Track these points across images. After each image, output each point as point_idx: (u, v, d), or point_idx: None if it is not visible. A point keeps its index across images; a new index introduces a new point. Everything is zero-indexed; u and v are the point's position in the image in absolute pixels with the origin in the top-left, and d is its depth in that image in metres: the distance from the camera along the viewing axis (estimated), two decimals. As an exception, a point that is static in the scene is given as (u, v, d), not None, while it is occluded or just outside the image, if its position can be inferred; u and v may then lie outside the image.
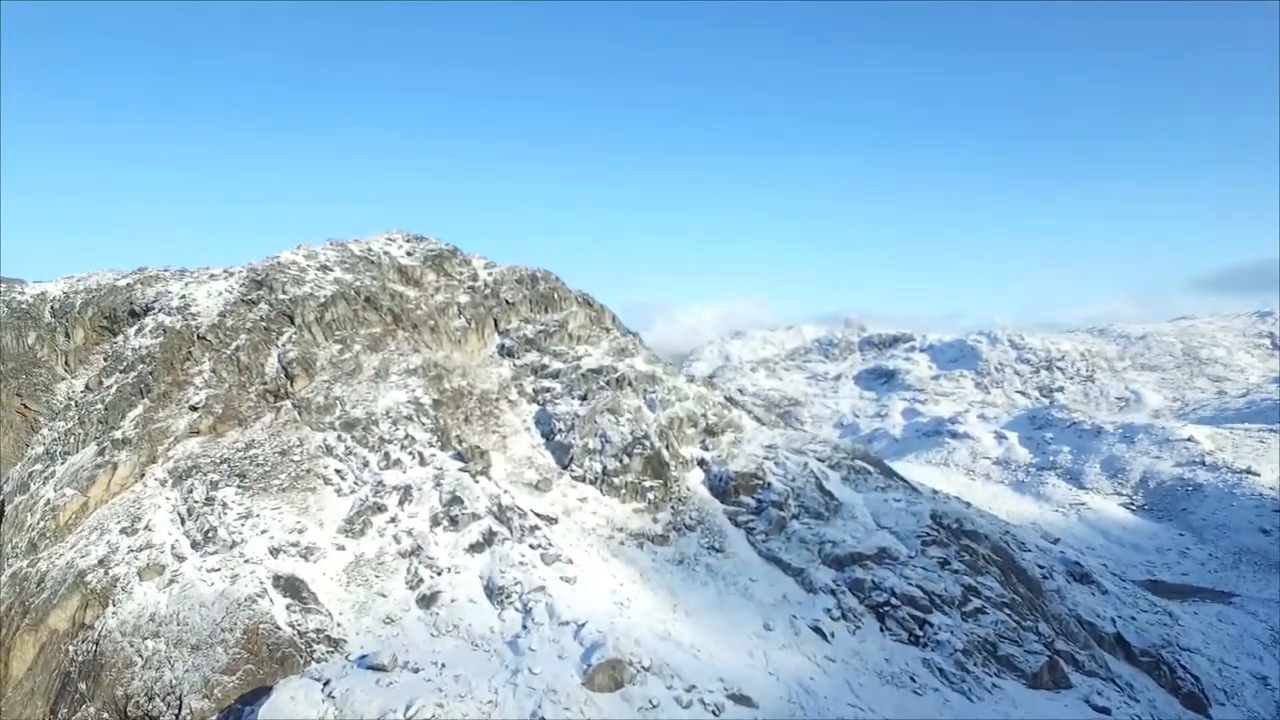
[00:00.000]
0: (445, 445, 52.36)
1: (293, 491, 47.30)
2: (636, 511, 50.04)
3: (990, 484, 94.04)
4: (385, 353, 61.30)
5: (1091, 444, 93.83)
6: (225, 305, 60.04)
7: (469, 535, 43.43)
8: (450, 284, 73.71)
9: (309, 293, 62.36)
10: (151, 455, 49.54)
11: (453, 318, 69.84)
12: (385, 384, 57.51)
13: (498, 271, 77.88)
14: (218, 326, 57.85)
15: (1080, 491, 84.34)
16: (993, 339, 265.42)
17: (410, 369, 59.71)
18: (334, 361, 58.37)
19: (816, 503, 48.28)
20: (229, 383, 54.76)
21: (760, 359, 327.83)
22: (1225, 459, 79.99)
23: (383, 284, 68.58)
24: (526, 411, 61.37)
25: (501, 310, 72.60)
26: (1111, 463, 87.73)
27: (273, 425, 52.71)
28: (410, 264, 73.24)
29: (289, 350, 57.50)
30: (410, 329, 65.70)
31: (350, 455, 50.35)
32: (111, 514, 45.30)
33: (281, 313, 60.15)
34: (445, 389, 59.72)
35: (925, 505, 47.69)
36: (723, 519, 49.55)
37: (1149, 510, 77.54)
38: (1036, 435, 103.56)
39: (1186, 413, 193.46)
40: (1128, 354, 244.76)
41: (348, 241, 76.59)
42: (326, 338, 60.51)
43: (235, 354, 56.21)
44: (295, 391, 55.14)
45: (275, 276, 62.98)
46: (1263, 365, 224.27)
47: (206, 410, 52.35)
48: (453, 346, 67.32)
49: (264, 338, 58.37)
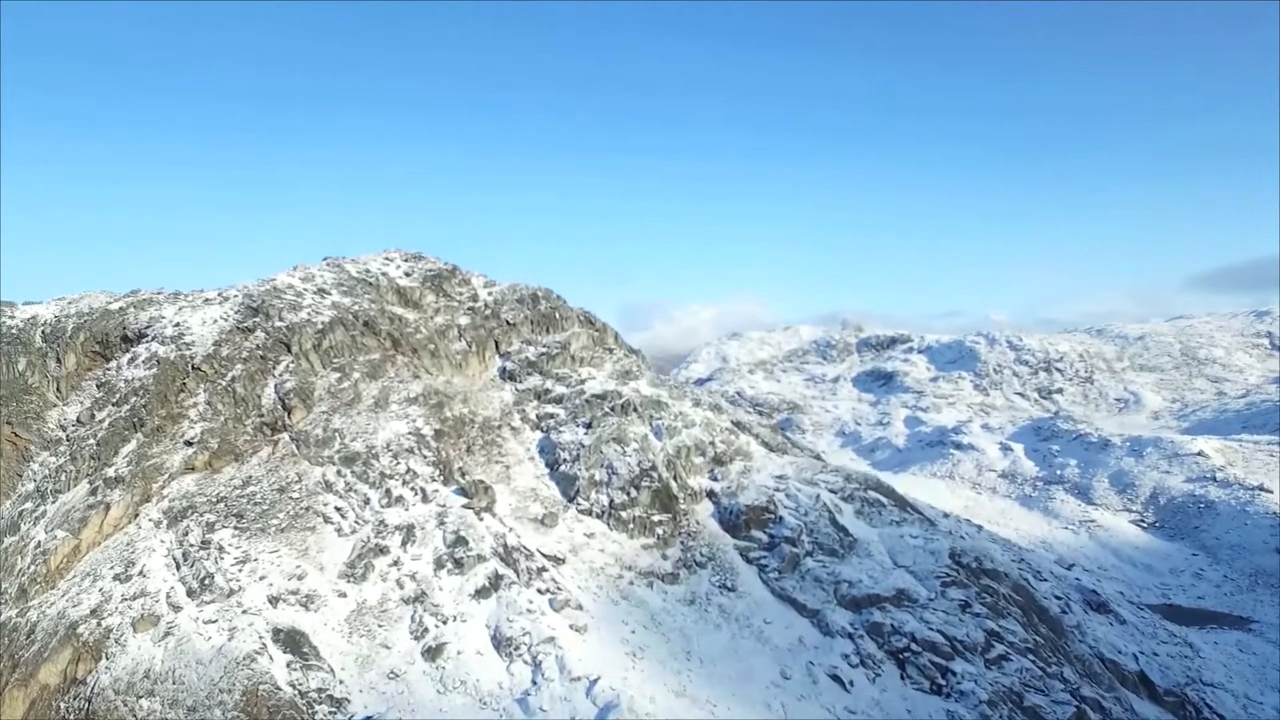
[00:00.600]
0: (448, 479, 51.00)
1: (292, 532, 45.90)
2: (645, 548, 48.72)
3: (997, 498, 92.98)
4: (384, 380, 59.87)
5: (1099, 457, 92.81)
6: (220, 333, 58.52)
7: (474, 579, 42.10)
8: (450, 305, 72.29)
9: (306, 319, 60.89)
10: (145, 494, 48.06)
11: (453, 340, 68.44)
12: (385, 414, 56.10)
13: (498, 291, 76.46)
14: (213, 356, 56.35)
15: (1089, 507, 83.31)
16: (991, 340, 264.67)
17: (410, 397, 58.30)
18: (332, 391, 56.93)
19: (830, 539, 47.01)
20: (225, 416, 53.28)
21: (758, 361, 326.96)
22: (1236, 474, 79.02)
23: (381, 307, 67.15)
24: (530, 439, 60.01)
25: (502, 331, 71.21)
26: (1120, 477, 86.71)
27: (270, 460, 51.28)
28: (409, 285, 71.81)
29: (286, 380, 56.05)
30: (410, 353, 64.28)
31: (350, 492, 48.94)
32: (104, 558, 43.85)
33: (278, 340, 58.68)
34: (446, 417, 58.35)
35: (943, 542, 46.45)
36: (734, 555, 48.28)
37: (1160, 528, 76.53)
38: (1042, 447, 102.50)
39: (1186, 414, 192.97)
40: (1126, 354, 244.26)
41: (344, 261, 75.15)
42: (324, 366, 59.06)
43: (231, 385, 54.72)
44: (293, 424, 53.70)
45: (271, 302, 61.50)
46: (1261, 365, 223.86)
47: (202, 445, 50.87)
48: (453, 371, 65.93)
49: (260, 367, 56.88)
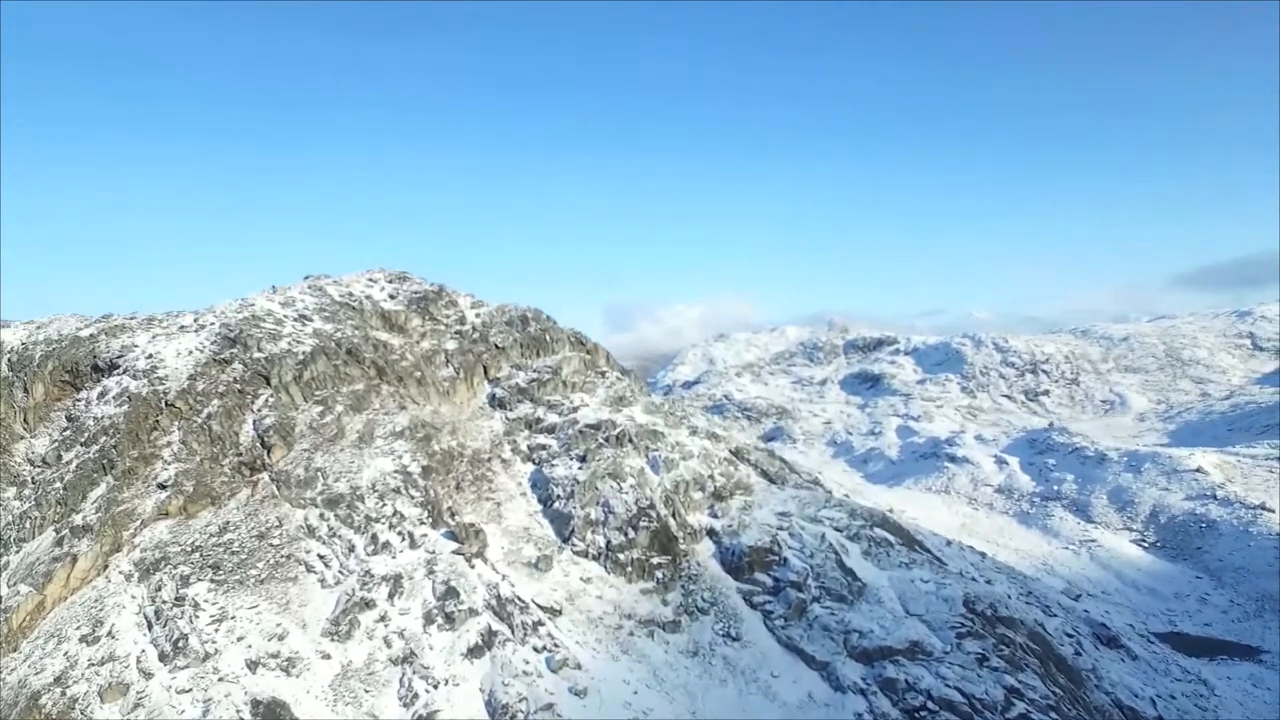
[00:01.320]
0: (437, 521, 48.66)
1: (272, 583, 43.42)
2: (645, 593, 46.64)
3: (994, 515, 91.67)
4: (369, 412, 57.39)
5: (1096, 473, 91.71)
6: (195, 366, 55.75)
7: (467, 636, 39.84)
8: (436, 329, 69.86)
9: (286, 349, 58.26)
10: (115, 543, 45.38)
11: (440, 366, 66.07)
12: (370, 450, 53.64)
13: (485, 312, 74.10)
14: (187, 392, 53.60)
15: (1089, 525, 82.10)
16: (977, 342, 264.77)
17: (396, 431, 55.86)
18: (314, 426, 54.39)
19: (838, 583, 45.15)
20: (200, 456, 50.60)
21: (745, 363, 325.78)
22: (1236, 492, 78.03)
23: (365, 333, 64.62)
24: (521, 472, 57.77)
25: (491, 356, 68.90)
26: (1119, 494, 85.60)
27: (249, 503, 48.72)
28: (394, 309, 69.32)
29: (265, 416, 53.45)
30: (395, 382, 61.83)
31: (334, 537, 46.49)
32: (70, 616, 41.17)
33: (256, 373, 56.02)
34: (434, 451, 55.96)
35: (956, 588, 44.70)
36: (737, 599, 46.34)
37: (1162, 548, 75.37)
38: (1038, 461, 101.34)
39: (1172, 416, 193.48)
40: (1111, 355, 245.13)
41: (326, 283, 72.54)
42: (306, 399, 56.50)
43: (207, 423, 52.04)
44: (273, 463, 51.15)
45: (249, 332, 58.79)
46: (1244, 366, 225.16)
47: (176, 489, 48.19)
48: (440, 399, 63.55)
49: (238, 402, 54.23)
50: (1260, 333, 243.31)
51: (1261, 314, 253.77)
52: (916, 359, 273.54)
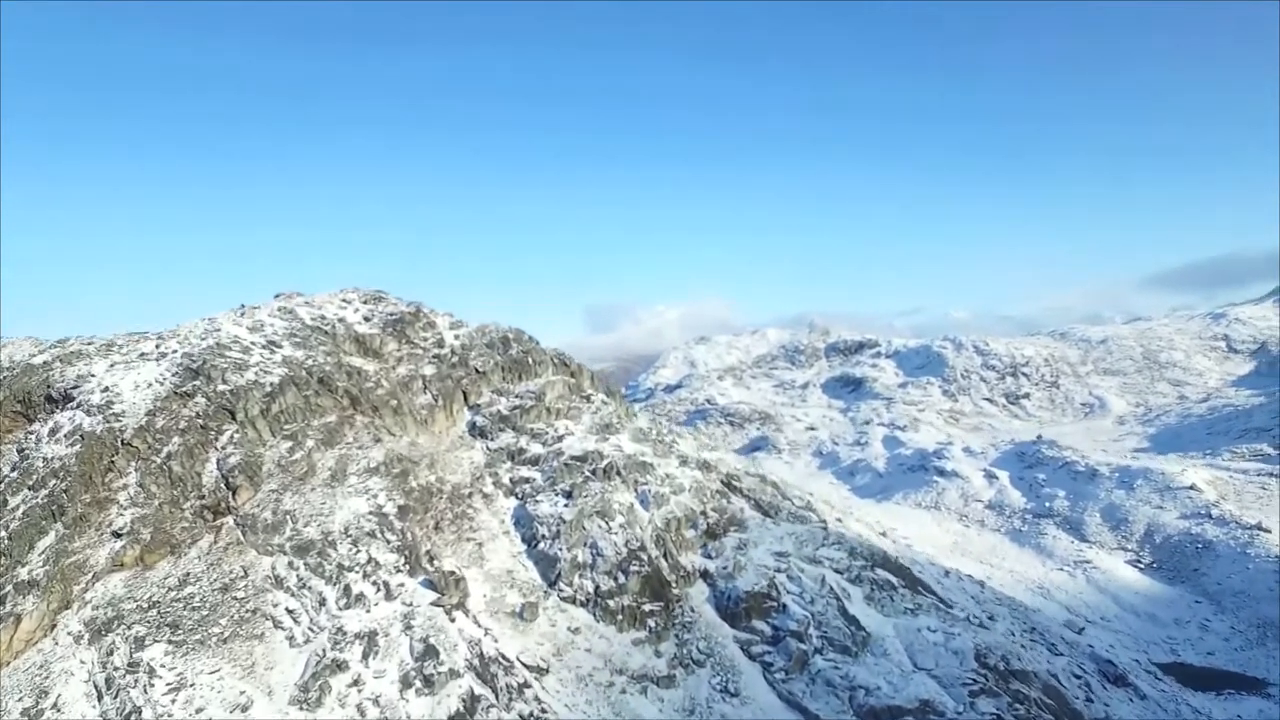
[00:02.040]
0: (414, 568, 45.70)
1: (236, 642, 40.28)
2: (637, 643, 44.03)
3: (986, 532, 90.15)
4: (342, 447, 54.27)
5: (1088, 489, 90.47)
6: (155, 400, 52.28)
7: (447, 702, 36.97)
8: (414, 352, 66.75)
9: (253, 380, 54.92)
10: (65, 599, 42.03)
11: (417, 393, 62.98)
12: (343, 489, 50.56)
13: (465, 334, 71.10)
14: (146, 429, 50.15)
15: (1083, 545, 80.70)
16: (958, 345, 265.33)
17: (371, 467, 52.80)
18: (283, 464, 51.18)
19: (841, 633, 42.85)
20: (159, 499, 47.24)
21: (727, 366, 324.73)
22: (1231, 510, 76.92)
23: (338, 359, 61.38)
24: (504, 508, 54.93)
25: (471, 381, 65.94)
26: (1112, 512, 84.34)
27: (212, 551, 45.47)
28: (368, 332, 66.10)
29: (230, 454, 50.15)
30: (370, 412, 58.72)
31: (304, 589, 43.40)
32: (13, 684, 37.81)
33: (221, 407, 52.67)
34: (411, 488, 52.96)
35: (966, 638, 42.56)
36: (734, 649, 43.88)
37: (1158, 570, 74.05)
38: (1028, 475, 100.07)
39: (1151, 419, 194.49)
40: (1089, 358, 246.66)
41: (297, 304, 69.15)
42: (274, 433, 53.25)
43: (166, 463, 48.65)
44: (238, 505, 47.91)
45: (213, 362, 55.35)
46: (1219, 369, 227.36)
47: (132, 537, 44.85)
48: (418, 428, 60.52)
49: (201, 439, 50.87)
50: (1234, 335, 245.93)
51: (1235, 316, 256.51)
52: (898, 362, 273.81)
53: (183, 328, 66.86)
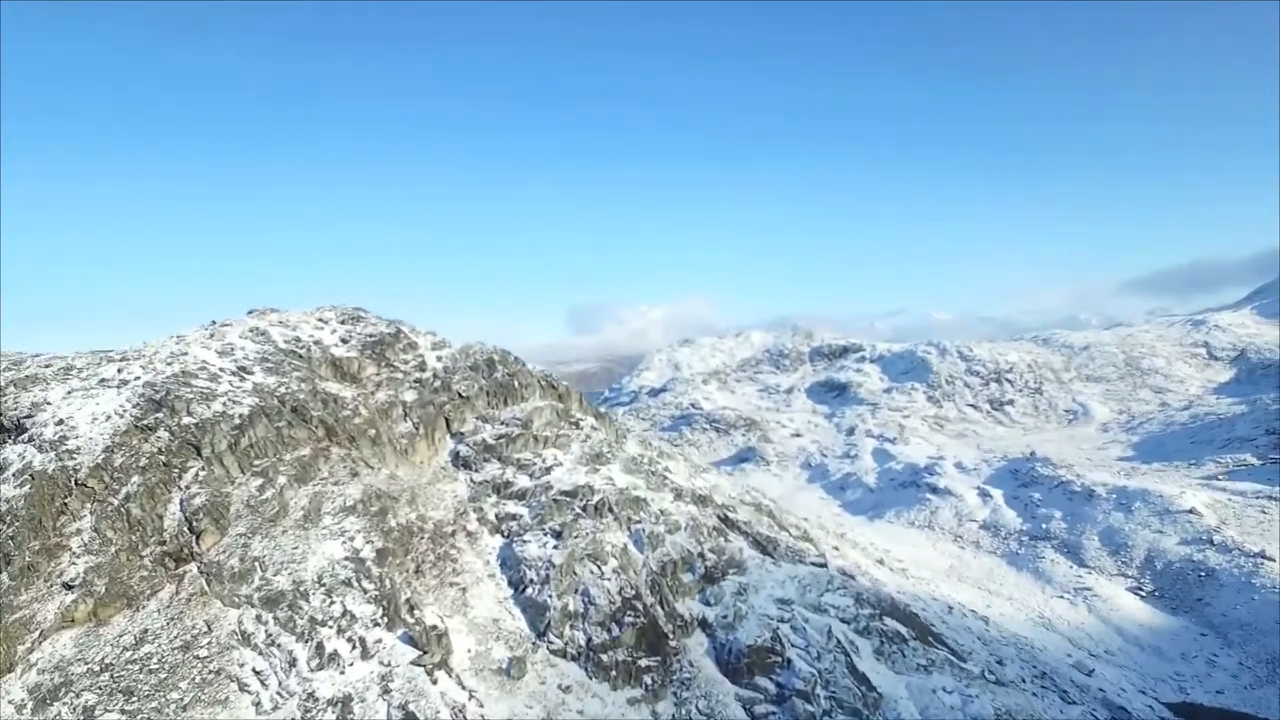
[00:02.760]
0: (393, 621, 42.57)
1: (197, 708, 36.95)
2: (632, 702, 41.21)
3: (982, 554, 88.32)
4: (317, 483, 50.95)
5: (1084, 510, 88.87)
6: (113, 435, 48.60)
7: (429, 780, 34.04)
8: (394, 376, 63.42)
9: (221, 411, 51.40)
10: (8, 661, 38.44)
11: (397, 421, 59.73)
12: (317, 530, 47.28)
13: (448, 355, 67.86)
14: (103, 467, 46.50)
15: (1082, 571, 79.00)
16: (942, 350, 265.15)
17: (347, 505, 49.55)
18: (252, 504, 47.77)
19: (851, 694, 40.29)
20: (116, 546, 43.68)
21: (711, 370, 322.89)
22: (1233, 536, 75.46)
23: (313, 386, 57.92)
24: (489, 547, 51.86)
25: (454, 407, 62.76)
26: (1111, 536, 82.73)
27: (173, 603, 42.05)
28: (346, 355, 62.67)
29: (195, 494, 46.67)
30: (347, 443, 55.39)
31: (273, 646, 40.16)
32: (-52, 763, 34.39)
33: (186, 442, 49.14)
34: (391, 528, 49.76)
35: (984, 701, 40.16)
36: (736, 709, 41.15)
37: (1160, 599, 72.44)
38: (1023, 494, 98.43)
39: (1134, 426, 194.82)
40: (1073, 364, 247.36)
41: (271, 323, 65.55)
42: (243, 470, 49.81)
43: (125, 505, 45.08)
44: (202, 551, 44.48)
45: (178, 392, 51.71)
46: (1200, 376, 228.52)
47: (85, 589, 41.32)
48: (398, 459, 57.29)
49: (163, 477, 47.31)
50: (1215, 342, 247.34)
51: (1215, 323, 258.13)
52: (882, 367, 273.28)
53: (149, 347, 63.16)
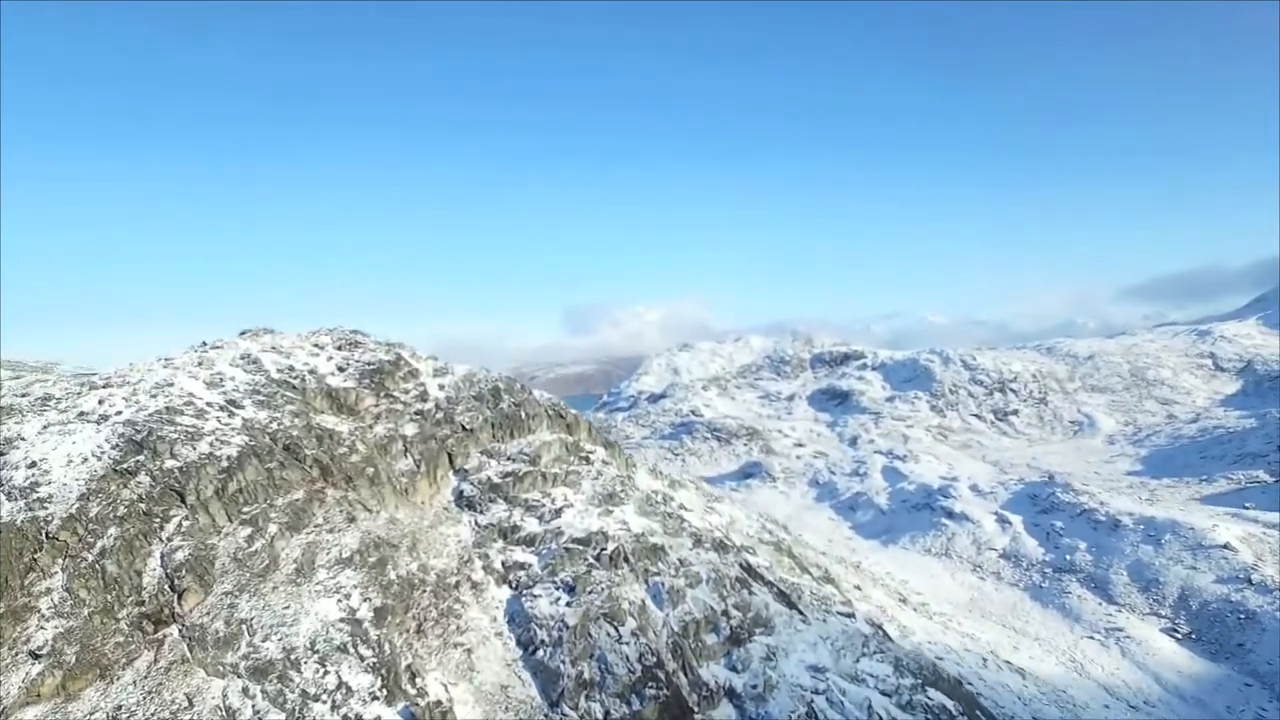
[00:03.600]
0: (393, 693, 38.89)
1: (175, 801, 33.32)
2: (655, 788, 37.66)
3: (1004, 587, 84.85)
4: (310, 530, 47.19)
5: (1110, 541, 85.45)
6: (90, 480, 44.79)
7: None
8: (393, 408, 59.68)
9: (207, 453, 47.61)
10: (-35, 745, 34.76)
11: (397, 457, 56.01)
12: (310, 586, 43.54)
13: (450, 384, 64.13)
14: (77, 518, 42.71)
15: (1112, 609, 75.55)
16: (945, 359, 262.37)
17: (343, 556, 45.83)
18: (240, 557, 43.99)
19: (897, 782, 36.85)
20: (90, 607, 39.91)
21: (711, 376, 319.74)
22: (1273, 576, 72.04)
23: (307, 421, 54.16)
24: (496, 600, 48.17)
25: (458, 441, 59.06)
26: (1140, 570, 79.29)
27: (151, 674, 38.27)
28: (343, 385, 58.91)
29: (177, 547, 42.88)
30: (343, 483, 51.65)
31: (260, 724, 36.47)
32: None
33: (168, 488, 45.33)
34: (390, 581, 46.04)
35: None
36: (771, 797, 37.63)
37: (1198, 641, 69.03)
38: (1044, 521, 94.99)
39: (1140, 439, 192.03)
40: (1077, 374, 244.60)
41: (263, 348, 61.81)
42: (231, 518, 46.03)
43: (100, 561, 41.29)
44: (185, 612, 40.72)
45: (161, 431, 47.89)
46: (1206, 387, 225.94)
47: (54, 659, 37.54)
48: (398, 500, 53.56)
49: (143, 528, 43.51)
50: (1221, 353, 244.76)
51: (1220, 334, 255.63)
52: (884, 375, 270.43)
53: (135, 371, 59.47)
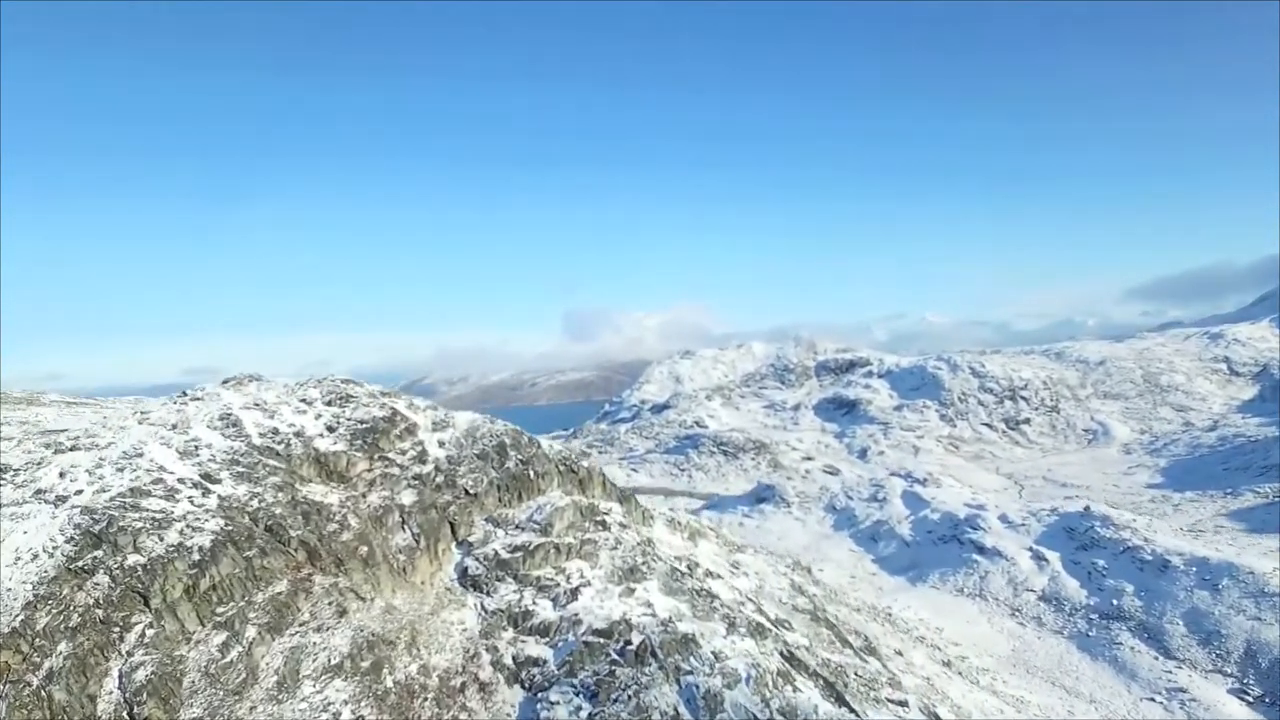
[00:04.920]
0: (391, 844, 33.21)
1: None
2: None
3: (1046, 635, 79.05)
4: (295, 631, 41.38)
5: (1160, 585, 79.62)
6: (39, 583, 38.85)
7: None
8: (389, 472, 53.88)
9: (177, 544, 41.76)
10: None
11: (393, 530, 50.23)
12: (295, 703, 37.74)
13: (451, 439, 58.34)
14: (22, 632, 36.79)
15: (1170, 664, 69.71)
16: (953, 366, 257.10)
17: (333, 663, 40.03)
18: (212, 671, 38.16)
19: None
20: (33, 746, 34.15)
21: (715, 385, 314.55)
22: (1349, 632, 66.58)
23: (292, 495, 48.32)
24: (507, 705, 42.30)
25: (460, 507, 53.33)
26: (1198, 620, 73.41)
27: (104, 828, 32.55)
28: (333, 449, 53.08)
29: (139, 663, 37.04)
30: (333, 566, 45.86)
31: None
32: None
33: (130, 589, 39.48)
34: (387, 689, 40.25)
35: None
36: None
37: (1272, 705, 63.18)
38: (1084, 559, 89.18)
39: (1158, 448, 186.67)
40: (1089, 381, 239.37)
41: (245, 403, 56.08)
42: (203, 621, 40.20)
43: (47, 685, 35.45)
44: (147, 746, 34.96)
45: (123, 521, 42.00)
46: (1222, 393, 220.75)
47: (-12, 816, 31.84)
48: (394, 581, 47.76)
49: (99, 640, 37.66)
50: (1235, 357, 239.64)
51: (1234, 337, 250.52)
52: (891, 383, 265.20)
53: (105, 431, 53.81)
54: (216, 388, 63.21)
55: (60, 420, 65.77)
